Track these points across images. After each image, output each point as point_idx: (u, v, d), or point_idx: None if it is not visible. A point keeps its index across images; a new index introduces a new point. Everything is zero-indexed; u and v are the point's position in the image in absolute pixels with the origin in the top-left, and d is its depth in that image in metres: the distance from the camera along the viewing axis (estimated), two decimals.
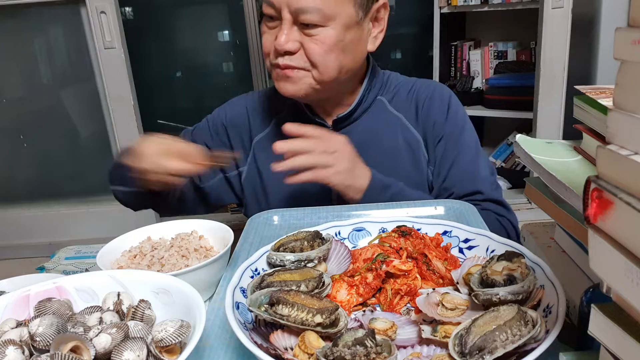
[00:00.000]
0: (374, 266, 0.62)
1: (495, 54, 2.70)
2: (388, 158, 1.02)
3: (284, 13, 0.90)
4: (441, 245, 0.68)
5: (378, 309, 0.60)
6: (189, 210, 1.13)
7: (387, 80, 1.09)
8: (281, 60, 0.94)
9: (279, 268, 0.61)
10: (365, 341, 0.45)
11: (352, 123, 1.05)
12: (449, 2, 2.50)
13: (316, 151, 0.88)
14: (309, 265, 0.62)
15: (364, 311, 0.58)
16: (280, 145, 0.87)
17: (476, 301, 0.52)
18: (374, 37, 1.00)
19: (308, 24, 0.91)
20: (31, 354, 0.48)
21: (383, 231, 0.72)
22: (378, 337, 0.48)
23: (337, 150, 0.89)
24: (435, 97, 1.06)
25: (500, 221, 0.98)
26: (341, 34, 0.92)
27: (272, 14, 0.93)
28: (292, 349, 0.50)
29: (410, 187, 0.97)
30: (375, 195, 0.91)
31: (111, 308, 0.55)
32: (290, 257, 0.62)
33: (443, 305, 0.54)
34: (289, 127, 0.89)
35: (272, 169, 0.88)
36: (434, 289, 0.58)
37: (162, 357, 0.48)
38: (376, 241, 0.69)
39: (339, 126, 1.05)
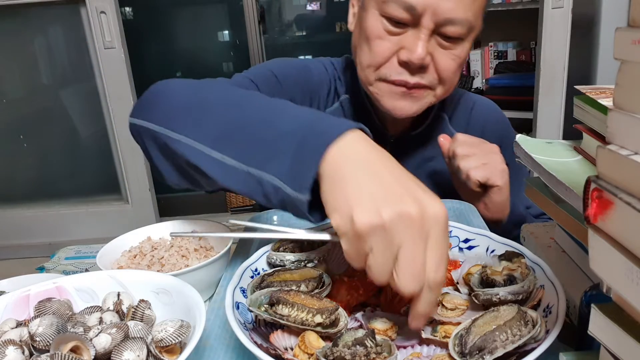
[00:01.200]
0: None
1: (495, 54, 2.71)
2: (444, 179, 0.94)
3: (425, 20, 0.76)
4: None
5: (378, 309, 0.60)
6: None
7: (455, 97, 1.01)
8: (411, 78, 0.80)
9: (279, 268, 0.60)
10: (365, 341, 0.45)
11: (414, 138, 0.97)
12: None
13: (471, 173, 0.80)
14: (309, 265, 0.62)
15: (364, 311, 0.58)
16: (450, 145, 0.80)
17: (476, 301, 0.52)
18: None
19: (450, 37, 0.79)
20: (31, 354, 0.48)
21: None
22: (378, 337, 0.48)
23: (493, 178, 0.81)
24: (502, 126, 1.02)
25: None
26: (471, 46, 0.83)
27: (404, 19, 0.77)
28: (292, 349, 0.50)
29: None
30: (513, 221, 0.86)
31: (111, 308, 0.55)
32: (290, 257, 0.62)
33: (443, 305, 0.54)
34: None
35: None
36: None
37: (162, 357, 0.48)
38: None
39: (402, 139, 0.97)
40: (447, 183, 0.91)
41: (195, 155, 0.58)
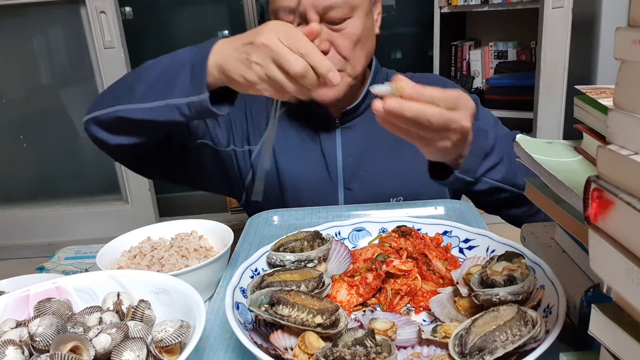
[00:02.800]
0: (374, 266, 0.62)
1: (496, 53, 2.71)
2: (395, 150, 1.01)
3: (310, 15, 0.87)
4: (441, 245, 0.68)
5: (378, 309, 0.60)
6: (187, 177, 1.03)
7: (386, 74, 1.09)
8: None
9: (279, 268, 0.60)
10: (365, 341, 0.45)
11: (358, 117, 1.04)
12: (449, 2, 2.50)
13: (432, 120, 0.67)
14: (309, 265, 0.62)
15: (364, 311, 0.58)
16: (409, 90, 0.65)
17: (476, 301, 0.52)
18: (375, 19, 1.00)
19: (337, 20, 0.88)
20: (31, 354, 0.48)
21: (383, 231, 0.72)
22: (378, 337, 0.48)
23: (456, 125, 0.69)
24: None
25: None
26: (364, 21, 0.91)
27: (294, 21, 0.86)
28: (292, 349, 0.50)
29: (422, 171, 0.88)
30: (480, 147, 0.81)
31: (111, 308, 0.55)
32: (290, 257, 0.62)
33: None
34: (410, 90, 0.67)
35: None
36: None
37: (162, 357, 0.48)
38: (376, 241, 0.69)
39: (345, 119, 1.03)
40: (398, 154, 0.99)
41: (132, 113, 0.80)
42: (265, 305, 0.52)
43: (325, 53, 0.88)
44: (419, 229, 0.70)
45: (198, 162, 1.03)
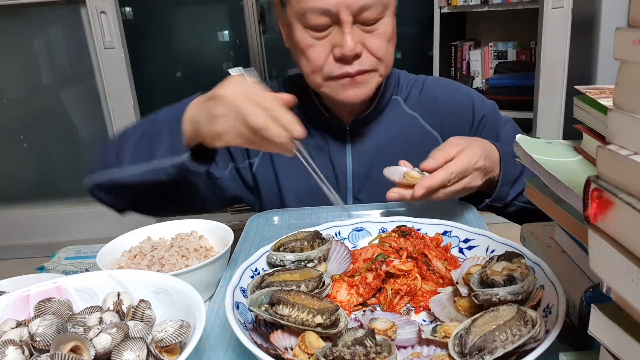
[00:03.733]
0: (374, 266, 0.62)
1: (495, 54, 2.71)
2: (406, 157, 0.95)
3: (344, 16, 0.83)
4: (441, 245, 0.68)
5: (378, 309, 0.60)
6: (197, 208, 1.01)
7: (398, 78, 1.06)
8: (351, 68, 0.87)
9: (279, 268, 0.60)
10: (365, 341, 0.45)
11: (369, 124, 1.01)
12: (449, 2, 2.50)
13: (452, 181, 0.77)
14: (309, 265, 0.62)
15: (364, 311, 0.58)
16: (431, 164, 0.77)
17: (476, 301, 0.52)
18: None
19: (370, 21, 0.86)
20: (31, 354, 0.48)
21: (383, 231, 0.72)
22: (378, 337, 0.48)
23: (468, 172, 0.78)
24: (456, 96, 1.04)
25: None
26: (393, 20, 0.90)
27: (325, 23, 0.85)
28: (292, 349, 0.50)
29: None
30: (510, 175, 0.84)
31: (111, 308, 0.55)
32: (290, 257, 0.62)
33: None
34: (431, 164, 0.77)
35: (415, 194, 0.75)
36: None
37: (162, 357, 0.48)
38: (376, 241, 0.69)
39: (356, 125, 1.00)
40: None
41: (124, 179, 0.81)
42: (265, 305, 0.52)
43: (358, 56, 0.87)
44: (419, 229, 0.70)
45: (204, 193, 1.00)
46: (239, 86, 0.72)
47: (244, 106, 0.68)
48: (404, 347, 0.51)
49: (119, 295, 0.56)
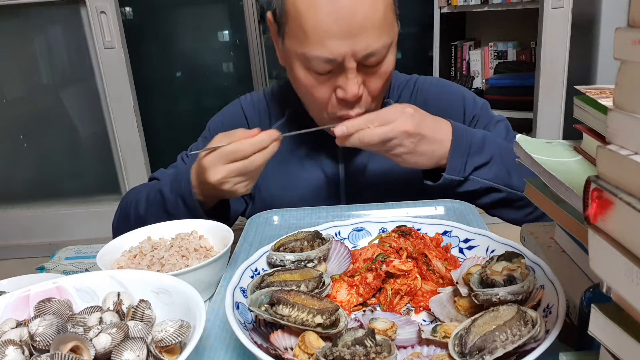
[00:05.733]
0: (374, 266, 0.62)
1: (495, 54, 2.71)
2: (397, 165, 0.95)
3: (348, 64, 0.81)
4: (441, 245, 0.68)
5: (378, 309, 0.60)
6: None
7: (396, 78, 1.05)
8: (352, 111, 0.86)
9: (279, 268, 0.61)
10: (365, 341, 0.45)
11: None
12: (449, 2, 2.50)
13: (370, 140, 0.80)
14: (309, 265, 0.62)
15: (364, 311, 0.58)
16: (340, 130, 0.81)
17: (476, 301, 0.52)
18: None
19: (373, 64, 0.84)
20: (31, 354, 0.48)
21: (383, 231, 0.72)
22: (378, 337, 0.48)
23: (394, 134, 0.81)
24: (447, 95, 1.03)
25: None
26: (394, 53, 0.88)
27: (328, 69, 0.83)
28: (292, 349, 0.50)
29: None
30: (463, 147, 0.85)
31: (111, 308, 0.55)
32: (290, 257, 0.62)
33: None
34: (340, 129, 0.81)
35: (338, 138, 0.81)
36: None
37: (162, 357, 0.48)
38: (376, 241, 0.69)
39: None
40: (401, 173, 0.96)
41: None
42: (265, 305, 0.52)
43: (359, 99, 0.86)
44: (418, 229, 0.70)
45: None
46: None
47: (231, 150, 0.77)
48: (404, 347, 0.51)
49: (119, 295, 0.56)
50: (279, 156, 0.82)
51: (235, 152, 0.76)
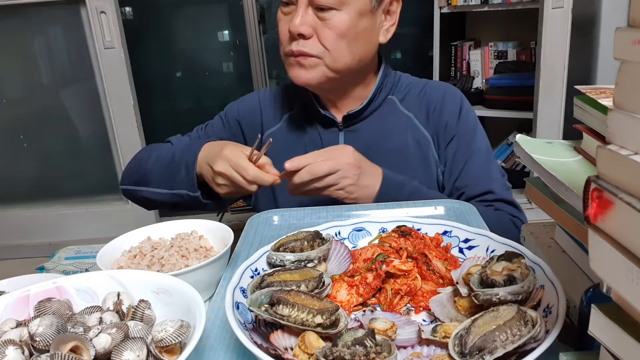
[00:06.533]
0: (374, 266, 0.62)
1: (495, 54, 2.70)
2: (397, 157, 1.03)
3: None
4: (441, 245, 0.68)
5: (378, 309, 0.60)
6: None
7: (398, 80, 1.09)
8: (295, 46, 0.94)
9: (279, 268, 0.60)
10: (365, 341, 0.45)
11: (362, 120, 1.05)
12: (449, 2, 2.50)
13: (319, 171, 0.87)
14: (309, 265, 0.62)
15: (364, 311, 0.58)
16: (290, 164, 0.88)
17: (476, 301, 0.52)
18: (385, 29, 1.01)
19: (323, 7, 0.92)
20: (31, 354, 0.48)
21: (383, 231, 0.72)
22: (378, 337, 0.48)
23: (339, 167, 0.88)
24: (447, 99, 1.06)
25: (514, 222, 0.99)
26: (354, 20, 0.94)
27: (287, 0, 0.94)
28: (292, 349, 0.50)
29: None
30: (391, 194, 0.91)
31: (111, 308, 0.55)
32: (290, 257, 0.62)
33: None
34: (289, 164, 0.89)
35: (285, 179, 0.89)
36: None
37: (162, 357, 0.48)
38: (376, 241, 0.69)
39: (348, 122, 1.05)
40: (399, 162, 1.01)
41: (151, 195, 1.03)
42: (265, 305, 0.52)
43: (304, 37, 0.94)
44: (418, 229, 0.70)
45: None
46: (229, 160, 0.88)
47: (234, 177, 0.87)
48: (404, 347, 0.51)
49: (119, 295, 0.56)
50: (284, 153, 0.89)
51: (245, 169, 0.85)
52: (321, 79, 0.97)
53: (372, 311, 0.58)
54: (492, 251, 0.64)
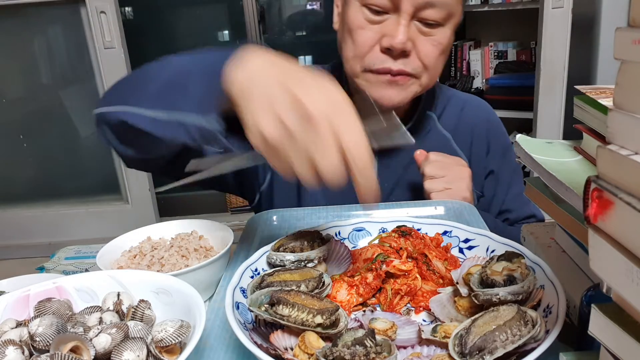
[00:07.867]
0: (374, 266, 0.62)
1: (495, 54, 2.71)
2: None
3: (405, 5, 0.77)
4: (441, 245, 0.68)
5: (378, 309, 0.60)
6: (203, 183, 0.81)
7: (433, 91, 0.99)
8: (394, 65, 0.81)
9: (279, 268, 0.60)
10: (365, 341, 0.45)
11: None
12: None
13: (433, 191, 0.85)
14: (309, 265, 0.62)
15: (364, 311, 0.58)
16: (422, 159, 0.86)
17: (476, 301, 0.52)
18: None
19: (429, 22, 0.80)
20: (31, 354, 0.48)
21: (383, 231, 0.72)
22: (378, 337, 0.48)
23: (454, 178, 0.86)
24: (491, 133, 1.02)
25: None
26: (452, 34, 0.85)
27: (385, 6, 0.78)
28: (292, 349, 0.50)
29: None
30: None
31: (111, 308, 0.55)
32: (290, 257, 0.62)
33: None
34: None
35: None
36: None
37: (162, 357, 0.48)
38: (376, 241, 0.69)
39: None
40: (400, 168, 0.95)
41: (137, 120, 0.62)
42: (265, 305, 0.52)
43: (405, 55, 0.81)
44: (419, 229, 0.70)
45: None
46: (334, 109, 0.48)
47: (323, 147, 0.47)
48: (404, 347, 0.51)
49: (118, 295, 0.56)
50: None
51: (363, 147, 0.49)
52: (409, 99, 0.88)
53: (372, 311, 0.58)
54: (492, 251, 0.64)
